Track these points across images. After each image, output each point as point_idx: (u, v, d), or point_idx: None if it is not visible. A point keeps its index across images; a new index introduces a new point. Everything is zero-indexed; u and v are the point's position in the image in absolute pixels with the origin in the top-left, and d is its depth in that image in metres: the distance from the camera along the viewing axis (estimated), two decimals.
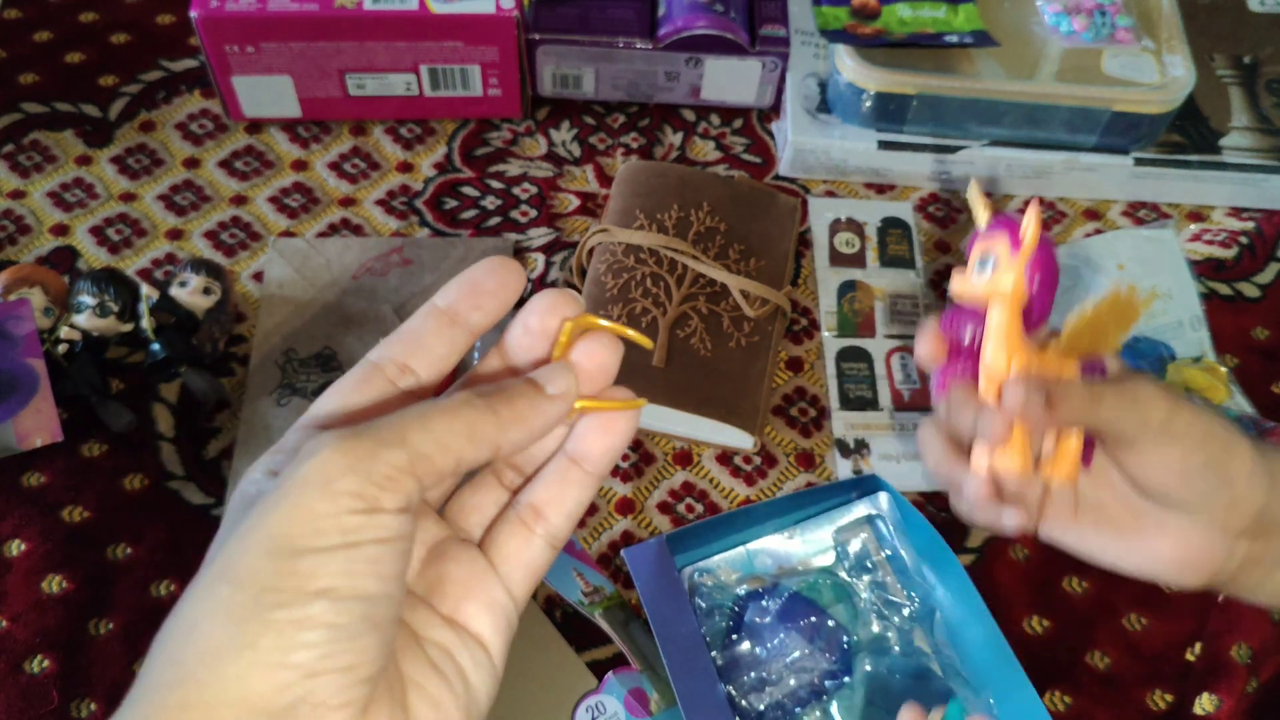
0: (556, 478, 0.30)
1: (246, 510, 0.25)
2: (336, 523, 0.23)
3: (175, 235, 0.68)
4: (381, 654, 0.24)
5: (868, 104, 0.69)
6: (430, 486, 0.25)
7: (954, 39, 0.70)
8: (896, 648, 0.53)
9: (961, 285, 0.36)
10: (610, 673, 0.52)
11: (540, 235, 0.69)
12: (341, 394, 0.28)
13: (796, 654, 0.52)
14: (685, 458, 0.61)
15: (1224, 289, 0.70)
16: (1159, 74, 0.69)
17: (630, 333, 0.31)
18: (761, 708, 0.51)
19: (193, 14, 0.65)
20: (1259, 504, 0.37)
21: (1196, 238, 0.72)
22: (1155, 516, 0.39)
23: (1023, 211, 0.36)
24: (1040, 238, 0.35)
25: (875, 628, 0.54)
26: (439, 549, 0.29)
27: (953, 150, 0.70)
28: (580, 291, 0.64)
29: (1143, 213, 0.73)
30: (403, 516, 0.25)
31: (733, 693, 0.51)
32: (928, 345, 0.38)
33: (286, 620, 0.23)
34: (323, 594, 0.23)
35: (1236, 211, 0.73)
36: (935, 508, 0.60)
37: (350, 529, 0.24)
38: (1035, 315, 0.36)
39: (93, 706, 0.51)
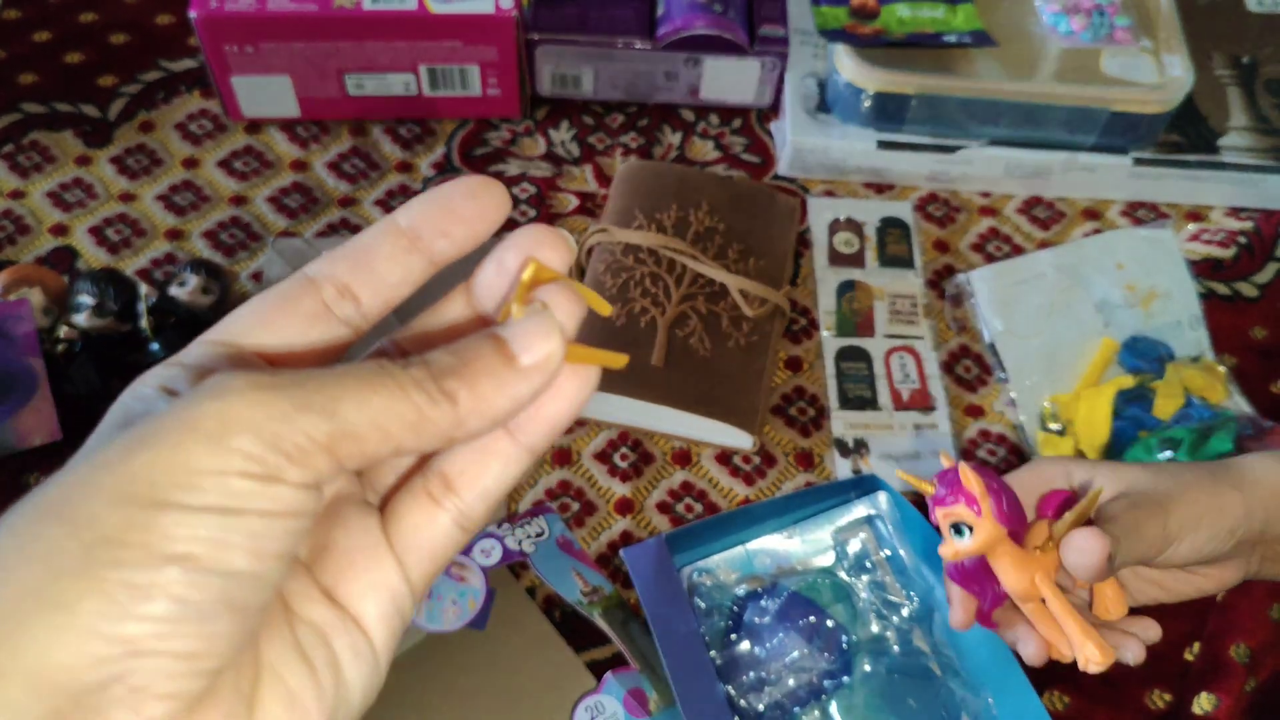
0: (478, 444, 0.24)
1: (118, 430, 0.20)
2: (219, 482, 0.19)
3: (174, 235, 0.68)
4: (233, 645, 0.19)
5: (867, 104, 0.69)
6: (351, 469, 0.21)
7: (953, 39, 0.70)
8: (896, 648, 0.53)
9: (955, 553, 0.41)
10: (609, 673, 0.52)
11: None
12: (263, 310, 0.23)
13: (795, 654, 0.52)
14: (684, 457, 0.61)
15: (1222, 289, 0.70)
16: (1157, 74, 0.69)
17: (596, 298, 0.24)
18: (761, 708, 0.51)
19: (192, 14, 0.65)
20: (1257, 527, 0.43)
21: (1195, 237, 0.72)
22: (1188, 571, 0.46)
23: (952, 468, 0.41)
24: (984, 484, 0.40)
25: (874, 628, 0.54)
26: (332, 508, 0.24)
27: (952, 150, 0.70)
28: None
29: (1141, 212, 0.73)
30: (306, 492, 0.20)
31: (732, 693, 0.51)
32: (962, 613, 0.44)
33: (122, 583, 0.18)
34: (177, 560, 0.18)
35: (1235, 211, 0.73)
36: None
37: (235, 493, 0.19)
38: (1019, 531, 0.41)
39: None
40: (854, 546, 0.56)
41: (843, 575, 0.55)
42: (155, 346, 0.59)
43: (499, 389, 0.22)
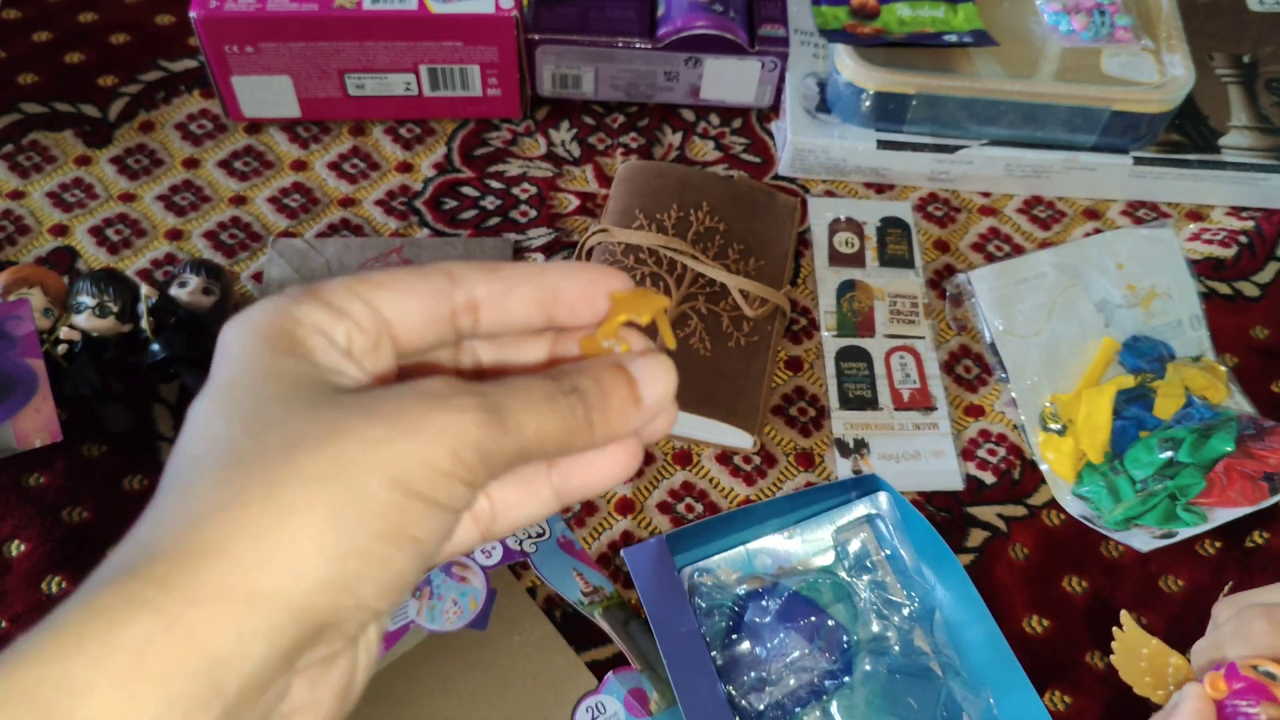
0: (527, 484, 0.27)
1: (281, 356, 0.23)
2: (450, 485, 0.22)
3: (175, 235, 0.68)
4: (396, 606, 0.24)
5: (867, 103, 0.69)
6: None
7: (953, 38, 0.70)
8: (896, 647, 0.53)
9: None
10: (610, 673, 0.52)
11: (540, 235, 0.69)
12: (405, 284, 0.25)
13: (796, 654, 0.52)
14: (685, 457, 0.61)
15: (1223, 288, 0.70)
16: (1158, 73, 0.69)
17: (669, 332, 0.27)
18: (761, 707, 0.51)
19: (192, 14, 0.65)
20: None
21: (1196, 237, 0.72)
22: None
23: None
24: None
25: (875, 627, 0.54)
26: None
27: (952, 150, 0.70)
28: None
29: (1142, 212, 0.73)
30: (477, 494, 0.23)
31: (732, 692, 0.51)
32: None
33: (378, 551, 0.22)
34: (414, 542, 0.22)
35: (1236, 211, 0.73)
36: (935, 507, 0.60)
37: (455, 495, 0.23)
38: None
39: None
40: (854, 546, 0.56)
41: (843, 575, 0.55)
42: (156, 347, 0.59)
43: (624, 420, 0.25)
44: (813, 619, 0.53)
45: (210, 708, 0.20)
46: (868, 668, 0.52)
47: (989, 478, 0.61)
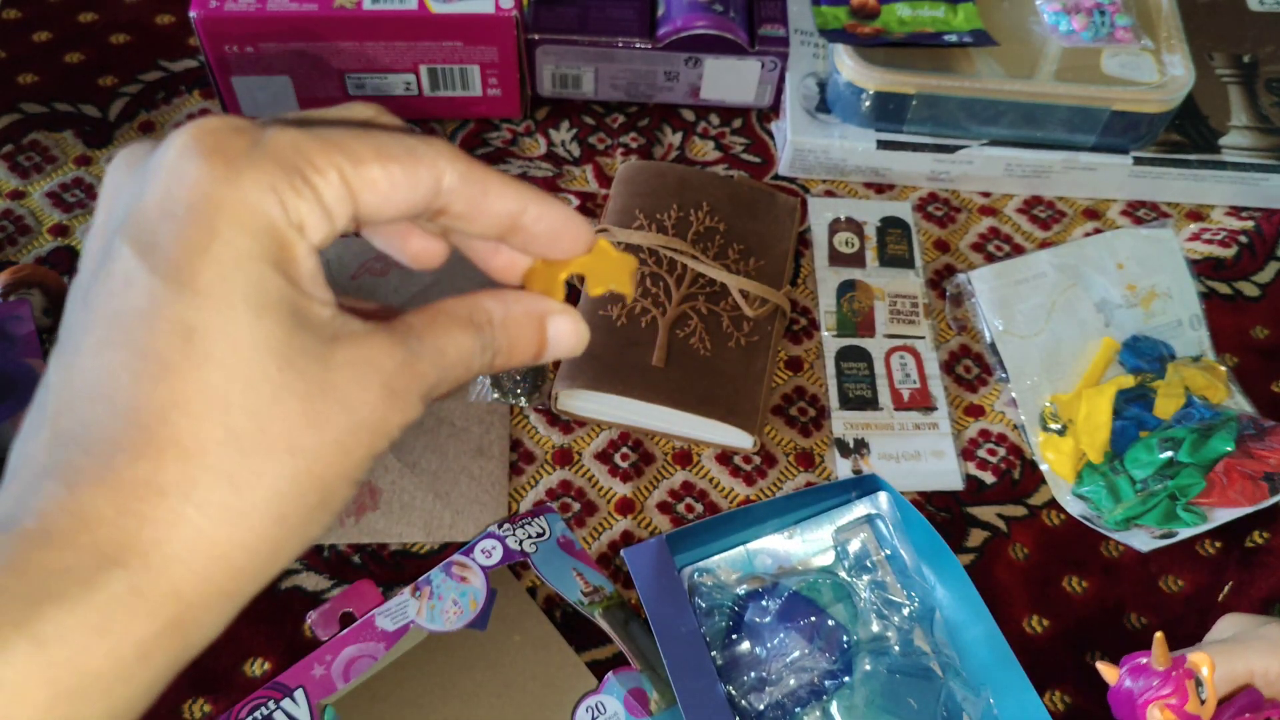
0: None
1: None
2: (404, 406, 0.25)
3: None
4: None
5: (867, 103, 0.69)
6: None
7: (953, 38, 0.70)
8: (896, 647, 0.53)
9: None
10: (610, 673, 0.52)
11: None
12: (391, 188, 0.25)
13: (796, 654, 0.52)
14: (685, 457, 0.61)
15: (1223, 288, 0.70)
16: (1158, 73, 0.69)
17: (628, 288, 0.30)
18: (761, 707, 0.51)
19: (192, 14, 0.65)
20: None
21: (1196, 237, 0.72)
22: None
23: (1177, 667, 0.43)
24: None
25: (875, 627, 0.54)
26: None
27: (952, 150, 0.70)
28: (580, 290, 0.64)
29: (1142, 212, 0.73)
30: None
31: (733, 692, 0.51)
32: None
33: (365, 444, 0.25)
34: (390, 446, 0.26)
35: (1236, 211, 0.73)
36: (935, 507, 0.60)
37: (406, 413, 0.25)
38: None
39: None
40: (854, 546, 0.56)
41: (843, 575, 0.55)
42: None
43: (524, 356, 0.29)
44: (813, 619, 0.53)
45: None
46: (868, 668, 0.52)
47: (989, 478, 0.61)
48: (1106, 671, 0.45)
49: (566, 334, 0.29)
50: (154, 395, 0.22)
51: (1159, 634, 0.44)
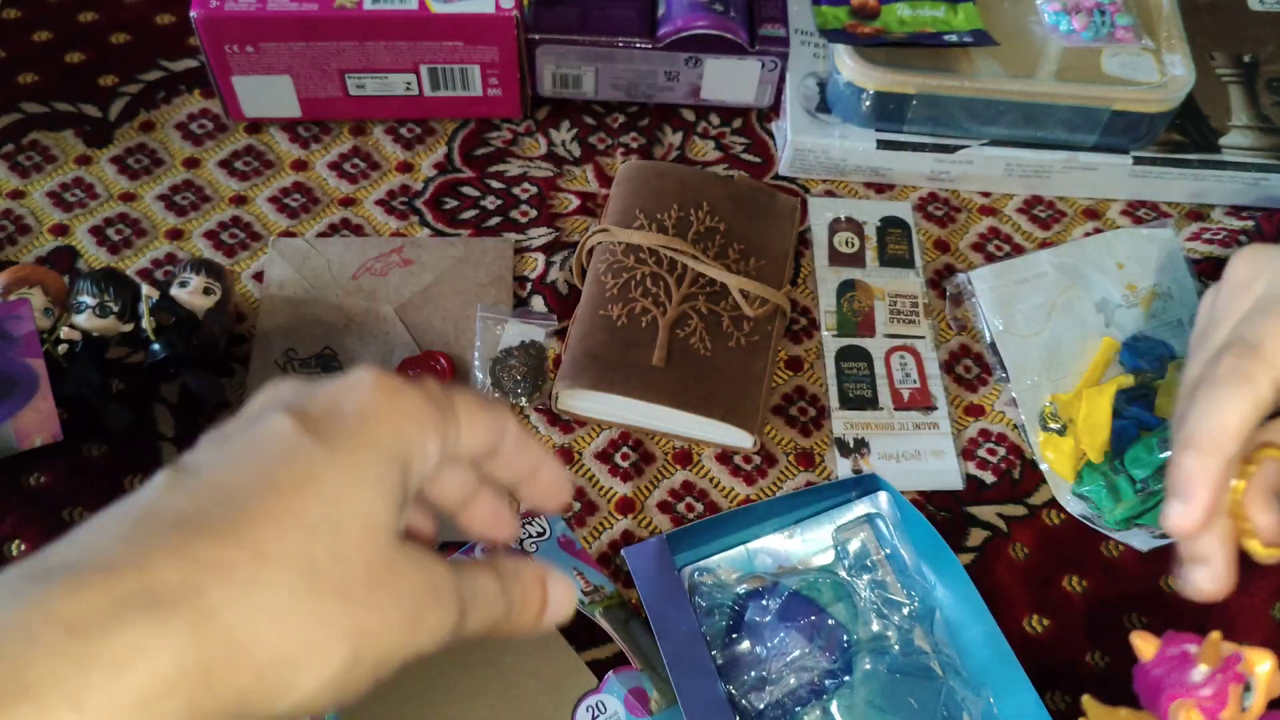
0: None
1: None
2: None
3: (175, 235, 0.68)
4: None
5: (867, 103, 0.69)
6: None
7: (953, 38, 0.70)
8: (896, 647, 0.53)
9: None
10: (610, 672, 0.52)
11: (540, 235, 0.69)
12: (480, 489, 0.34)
13: (796, 653, 0.52)
14: (685, 457, 0.61)
15: None
16: (1159, 73, 0.69)
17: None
18: (761, 707, 0.51)
19: (193, 14, 0.65)
20: None
21: (1196, 237, 0.72)
22: None
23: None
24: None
25: (875, 627, 0.54)
26: None
27: (952, 150, 0.70)
28: (580, 290, 0.64)
29: (1142, 212, 0.73)
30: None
31: (733, 692, 0.51)
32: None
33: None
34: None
35: (1236, 210, 0.73)
36: (935, 507, 0.60)
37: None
38: None
39: None
40: (854, 545, 0.56)
41: (843, 574, 0.56)
42: (156, 347, 0.59)
43: (528, 623, 0.33)
44: (813, 618, 0.53)
45: None
46: (868, 667, 0.52)
47: (989, 477, 0.61)
48: (1143, 646, 0.41)
49: (563, 593, 0.34)
50: (258, 505, 0.26)
51: (1215, 634, 0.39)
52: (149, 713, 0.23)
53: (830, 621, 0.53)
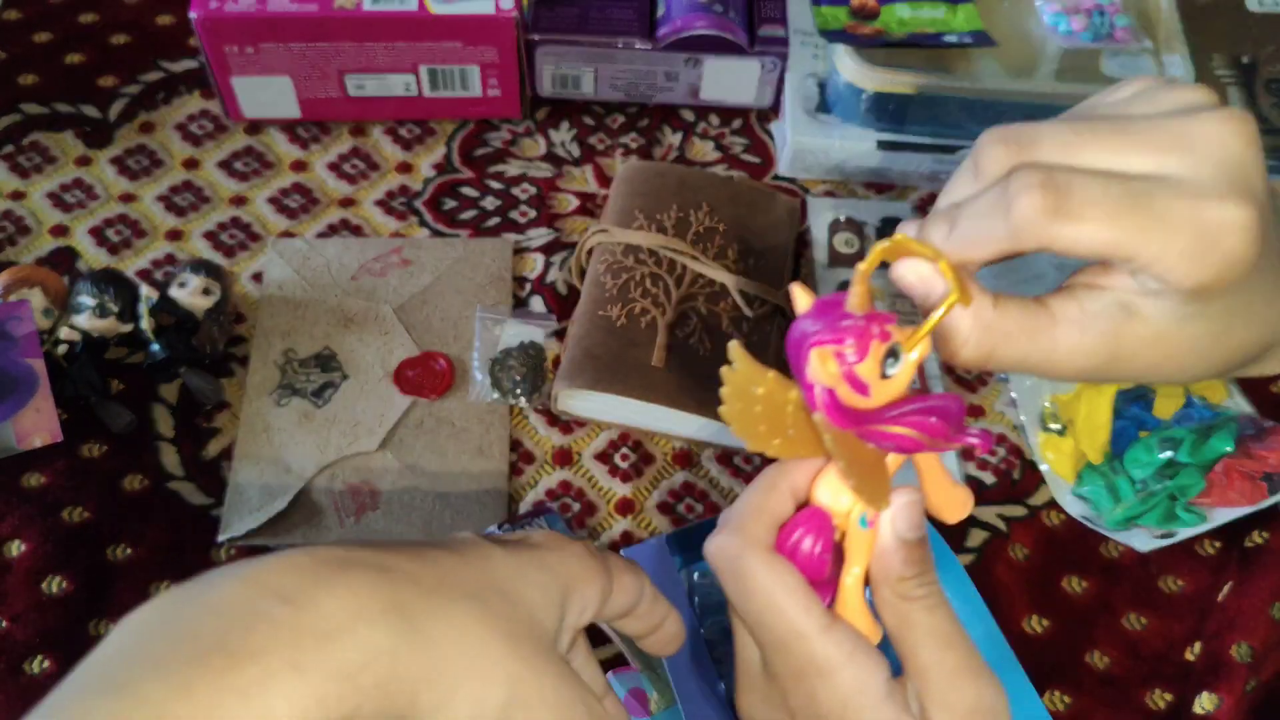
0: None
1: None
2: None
3: (175, 236, 0.68)
4: None
5: (867, 104, 0.69)
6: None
7: (953, 39, 0.70)
8: None
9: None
10: (610, 672, 0.52)
11: (540, 235, 0.69)
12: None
13: None
14: (685, 458, 0.61)
15: None
16: (1158, 74, 0.69)
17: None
18: None
19: (192, 14, 0.65)
20: None
21: None
22: None
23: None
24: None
25: None
26: None
27: (952, 150, 0.70)
28: (580, 290, 0.64)
29: None
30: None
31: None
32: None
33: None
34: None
35: None
36: None
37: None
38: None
39: None
40: None
41: None
42: (156, 347, 0.59)
43: (650, 624, 0.38)
44: None
45: None
46: None
47: (989, 478, 0.61)
48: (800, 295, 0.35)
49: (674, 626, 0.39)
50: (446, 560, 0.32)
51: (861, 266, 0.35)
52: (351, 683, 0.26)
53: None
